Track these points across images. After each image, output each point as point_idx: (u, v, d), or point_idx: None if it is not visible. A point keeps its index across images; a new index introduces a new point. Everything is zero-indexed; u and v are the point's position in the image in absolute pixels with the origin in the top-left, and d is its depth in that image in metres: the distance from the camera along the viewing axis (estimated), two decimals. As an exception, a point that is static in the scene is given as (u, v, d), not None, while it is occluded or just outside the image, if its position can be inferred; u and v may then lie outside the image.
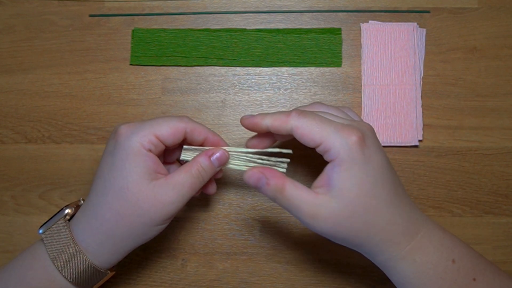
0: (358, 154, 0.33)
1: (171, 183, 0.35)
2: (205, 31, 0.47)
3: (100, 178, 0.36)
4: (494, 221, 0.45)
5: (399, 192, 0.35)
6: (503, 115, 0.46)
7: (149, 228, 0.36)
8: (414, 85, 0.46)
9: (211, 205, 0.46)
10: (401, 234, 0.34)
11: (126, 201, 0.35)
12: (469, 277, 0.35)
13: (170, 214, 0.36)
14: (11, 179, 0.46)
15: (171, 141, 0.36)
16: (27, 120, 0.47)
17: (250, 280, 0.45)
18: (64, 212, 0.37)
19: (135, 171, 0.35)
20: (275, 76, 0.47)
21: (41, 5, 0.48)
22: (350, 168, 0.33)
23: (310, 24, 0.48)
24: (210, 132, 0.38)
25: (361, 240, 0.35)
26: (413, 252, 0.35)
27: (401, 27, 0.47)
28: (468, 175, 0.46)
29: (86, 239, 0.36)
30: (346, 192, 0.33)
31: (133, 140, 0.35)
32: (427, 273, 0.35)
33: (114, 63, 0.47)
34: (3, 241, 0.46)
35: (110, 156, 0.36)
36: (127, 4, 0.48)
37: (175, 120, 0.37)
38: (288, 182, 0.34)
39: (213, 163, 0.37)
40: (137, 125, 0.36)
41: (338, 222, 0.34)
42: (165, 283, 0.45)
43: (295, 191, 0.34)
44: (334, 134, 0.33)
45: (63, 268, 0.35)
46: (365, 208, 0.33)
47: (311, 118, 0.34)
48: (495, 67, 0.47)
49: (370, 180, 0.33)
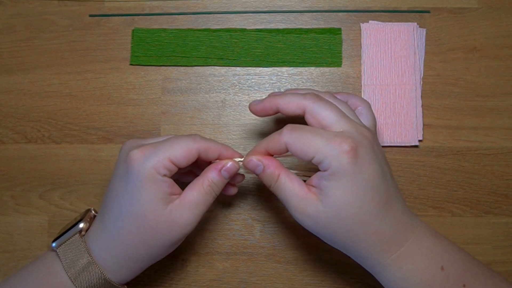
0: (348, 165, 0.33)
1: (185, 204, 0.35)
2: (205, 31, 0.47)
3: (115, 203, 0.36)
4: (494, 221, 0.45)
5: (392, 201, 0.35)
6: (503, 115, 0.46)
7: (167, 248, 0.37)
8: (414, 85, 0.46)
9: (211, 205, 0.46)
10: (387, 243, 0.34)
11: (144, 227, 0.35)
12: (459, 283, 0.35)
13: (187, 233, 0.36)
14: (11, 179, 0.46)
15: (184, 163, 0.36)
16: (27, 120, 0.47)
17: (250, 280, 0.45)
18: (78, 228, 0.37)
19: (152, 198, 0.34)
20: (275, 76, 0.47)
21: (41, 5, 0.48)
22: (340, 179, 0.33)
23: (310, 24, 0.48)
24: (223, 148, 0.37)
25: (346, 244, 0.35)
26: (399, 261, 0.35)
27: (401, 27, 0.47)
28: (468, 175, 0.46)
29: (105, 259, 0.36)
30: (333, 199, 0.33)
31: (147, 167, 0.34)
32: (414, 281, 0.35)
33: (114, 63, 0.47)
34: (3, 241, 0.46)
35: (124, 182, 0.35)
36: (127, 4, 0.48)
37: (188, 140, 0.36)
38: (283, 173, 0.35)
39: (223, 176, 0.37)
40: (150, 150, 0.35)
41: (322, 223, 0.34)
42: (165, 283, 0.45)
43: (288, 182, 0.35)
44: (325, 146, 0.33)
45: (78, 282, 0.35)
46: (350, 217, 0.33)
47: (302, 133, 0.34)
48: (495, 67, 0.47)
49: (358, 192, 0.33)
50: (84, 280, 0.35)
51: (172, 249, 0.37)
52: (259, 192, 0.46)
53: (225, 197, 0.46)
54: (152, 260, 0.37)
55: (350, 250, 0.36)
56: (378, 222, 0.34)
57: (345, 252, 0.37)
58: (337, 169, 0.33)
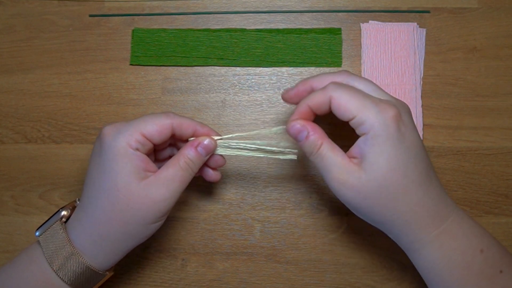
0: (393, 130, 0.32)
1: (160, 179, 0.35)
2: (205, 31, 0.47)
3: (90, 180, 0.36)
4: (494, 221, 0.45)
5: (431, 175, 0.35)
6: (503, 115, 0.46)
7: (143, 227, 0.35)
8: (414, 85, 0.46)
9: (211, 205, 0.46)
10: (430, 217, 0.34)
11: (117, 202, 0.34)
12: (496, 269, 0.34)
13: (163, 211, 0.35)
14: (11, 179, 0.46)
15: (158, 138, 0.36)
16: (27, 120, 0.47)
17: (250, 280, 0.45)
18: (60, 214, 0.37)
19: (124, 172, 0.34)
20: (275, 76, 0.47)
21: (41, 5, 0.48)
22: (383, 143, 0.32)
23: (310, 24, 0.48)
24: (198, 124, 0.37)
25: (386, 217, 0.34)
26: (441, 237, 0.34)
27: (401, 27, 0.47)
28: (468, 175, 0.46)
29: (82, 241, 0.35)
30: (376, 166, 0.32)
31: (119, 140, 0.34)
32: (454, 260, 0.34)
33: (114, 63, 0.47)
34: (3, 241, 0.46)
35: (98, 157, 0.35)
36: (127, 4, 0.48)
37: (161, 116, 0.36)
38: (326, 141, 0.34)
39: (200, 152, 0.36)
40: (122, 125, 0.35)
41: (364, 193, 0.33)
42: (165, 283, 0.45)
43: (330, 151, 0.34)
44: (371, 108, 0.33)
45: (60, 270, 0.35)
46: (394, 185, 0.33)
47: (348, 89, 0.34)
48: (495, 67, 0.47)
49: (402, 158, 0.33)
50: (65, 267, 0.35)
51: (150, 229, 0.36)
52: (259, 192, 0.46)
53: (225, 197, 0.46)
54: (131, 240, 0.36)
55: (390, 225, 0.34)
56: (422, 194, 0.33)
57: (383, 228, 0.35)
58: (381, 132, 0.32)
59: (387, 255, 0.44)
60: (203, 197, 0.46)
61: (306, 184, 0.46)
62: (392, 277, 0.44)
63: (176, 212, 0.46)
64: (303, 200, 0.45)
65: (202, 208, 0.46)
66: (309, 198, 0.45)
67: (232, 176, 0.46)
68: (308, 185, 0.46)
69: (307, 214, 0.45)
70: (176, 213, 0.46)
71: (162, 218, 0.36)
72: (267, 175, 0.46)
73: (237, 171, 0.46)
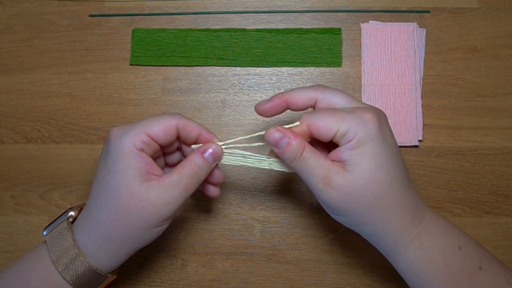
0: (375, 130, 0.33)
1: (163, 184, 0.35)
2: (205, 31, 0.47)
3: (95, 181, 0.36)
4: (494, 221, 0.45)
5: (408, 176, 0.35)
6: (503, 115, 0.46)
7: (145, 230, 0.35)
8: (414, 85, 0.46)
9: (211, 205, 0.46)
10: (410, 215, 0.34)
11: (118, 203, 0.34)
12: (475, 265, 0.35)
13: (165, 216, 0.35)
14: (11, 179, 0.46)
15: (163, 139, 0.36)
16: (27, 120, 0.47)
17: (250, 280, 0.45)
18: (67, 215, 0.37)
19: (127, 172, 0.34)
20: (275, 76, 0.47)
21: (41, 5, 0.48)
22: (367, 144, 0.33)
23: (310, 24, 0.48)
24: (203, 129, 0.37)
25: (370, 217, 0.34)
26: (421, 236, 0.34)
27: (401, 27, 0.47)
28: (468, 175, 0.46)
29: (86, 242, 0.36)
30: (361, 166, 0.33)
31: (124, 140, 0.34)
32: (435, 259, 0.34)
33: (114, 63, 0.47)
34: (3, 241, 0.46)
35: (104, 159, 0.35)
36: (127, 4, 0.48)
37: (167, 117, 0.36)
38: (307, 145, 0.34)
39: (207, 159, 0.36)
40: (128, 125, 0.36)
41: (349, 192, 0.33)
42: (165, 283, 0.45)
43: (313, 154, 0.34)
44: (350, 117, 0.33)
45: (63, 270, 0.35)
46: (378, 182, 0.33)
47: (320, 112, 0.35)
48: (495, 67, 0.47)
49: (385, 156, 0.33)
50: (68, 267, 0.35)
51: (153, 233, 0.36)
52: (259, 192, 0.46)
53: (225, 197, 0.46)
54: (133, 244, 0.36)
55: (374, 224, 0.34)
56: (403, 191, 0.34)
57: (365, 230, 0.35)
58: (364, 135, 0.33)
59: (387, 255, 0.45)
60: (203, 197, 0.46)
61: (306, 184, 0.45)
62: (392, 277, 0.44)
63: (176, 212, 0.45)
64: (303, 200, 0.45)
65: (202, 208, 0.46)
66: (309, 198, 0.46)
67: (232, 176, 0.46)
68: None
69: (307, 214, 0.45)
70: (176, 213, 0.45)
71: (165, 223, 0.36)
72: (267, 175, 0.46)
73: (237, 171, 0.46)
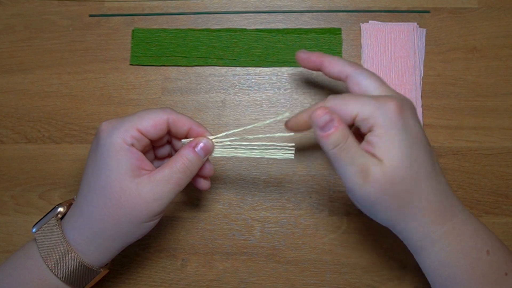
0: (396, 119, 0.33)
1: (155, 179, 0.34)
2: (205, 31, 0.47)
3: (85, 177, 0.36)
4: (494, 221, 0.45)
5: (437, 169, 0.35)
6: (503, 115, 0.46)
7: (136, 225, 0.35)
8: (414, 85, 0.46)
9: (211, 205, 0.46)
10: (438, 211, 0.34)
11: (109, 199, 0.34)
12: (501, 271, 0.34)
13: (156, 211, 0.35)
14: (11, 179, 0.46)
15: (154, 134, 0.35)
16: (27, 120, 0.47)
17: (250, 280, 0.45)
18: (56, 211, 0.37)
19: (117, 168, 0.34)
20: (275, 76, 0.47)
21: (41, 5, 0.48)
22: (389, 132, 0.33)
23: (310, 24, 0.48)
24: (194, 123, 0.37)
25: (401, 212, 0.34)
26: (449, 236, 0.34)
27: (401, 27, 0.47)
28: (468, 175, 0.46)
29: (76, 238, 0.35)
30: (391, 155, 0.32)
31: (114, 135, 0.34)
32: (459, 261, 0.34)
33: (114, 63, 0.47)
34: (3, 241, 0.46)
35: (94, 154, 0.35)
36: (127, 4, 0.48)
37: (157, 111, 0.36)
38: (351, 133, 0.34)
39: (198, 153, 0.36)
40: (118, 120, 0.35)
41: (384, 188, 0.33)
42: (165, 283, 0.45)
43: (356, 143, 0.33)
44: (370, 102, 0.33)
45: (54, 266, 0.35)
46: (408, 173, 0.33)
47: (344, 95, 0.35)
48: (495, 67, 0.47)
49: (411, 146, 0.33)
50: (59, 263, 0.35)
51: (144, 228, 0.35)
52: (259, 192, 0.46)
53: (225, 197, 0.46)
54: (124, 239, 0.36)
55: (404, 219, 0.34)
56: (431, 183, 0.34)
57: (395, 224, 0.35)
58: (384, 121, 0.32)
59: (387, 255, 0.44)
60: (203, 197, 0.46)
61: (306, 184, 0.46)
62: (392, 277, 0.44)
63: (176, 212, 0.46)
64: (303, 200, 0.45)
65: (202, 208, 0.46)
66: (309, 198, 0.46)
67: (232, 176, 0.46)
68: (308, 185, 0.46)
69: (307, 214, 0.45)
70: (176, 213, 0.46)
71: (156, 218, 0.36)
72: (267, 175, 0.46)
73: (237, 171, 0.46)
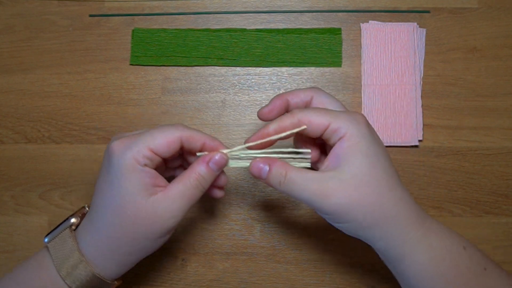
0: (365, 130, 0.34)
1: (169, 197, 0.34)
2: (205, 31, 0.47)
3: (99, 194, 0.36)
4: (494, 221, 0.45)
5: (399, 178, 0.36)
6: (503, 115, 0.46)
7: (152, 241, 0.35)
8: (414, 85, 0.46)
9: (211, 205, 0.46)
10: (415, 211, 0.34)
11: (126, 219, 0.34)
12: (481, 266, 0.35)
13: (172, 227, 0.35)
14: (11, 179, 0.46)
15: (166, 153, 0.35)
16: (27, 120, 0.47)
17: (250, 280, 0.45)
18: (69, 222, 0.37)
19: (132, 189, 0.34)
20: (275, 76, 0.47)
21: (41, 5, 0.48)
22: (359, 142, 0.33)
23: (310, 24, 0.48)
24: (207, 138, 0.36)
25: (375, 218, 0.33)
26: (427, 236, 0.34)
27: (401, 27, 0.47)
28: (468, 175, 0.46)
29: (91, 252, 0.36)
30: (355, 163, 0.33)
31: (126, 157, 0.34)
32: (444, 260, 0.34)
33: (114, 63, 0.47)
34: (3, 241, 0.46)
35: (106, 173, 0.35)
36: (127, 4, 0.48)
37: (169, 129, 0.35)
38: (290, 167, 0.34)
39: (212, 168, 0.36)
40: (130, 140, 0.35)
41: (348, 193, 0.33)
42: (165, 283, 0.45)
43: (298, 172, 0.34)
44: (342, 114, 0.34)
45: (67, 277, 0.35)
46: (376, 179, 0.33)
47: (313, 108, 0.36)
48: (495, 67, 0.47)
49: (377, 154, 0.34)
50: (73, 275, 0.35)
51: (160, 242, 0.36)
52: (259, 192, 0.46)
53: (226, 197, 0.46)
54: (140, 253, 0.36)
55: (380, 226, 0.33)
56: (401, 189, 0.34)
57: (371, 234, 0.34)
58: (356, 132, 0.33)
59: (387, 255, 0.45)
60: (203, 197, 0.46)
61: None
62: (392, 277, 0.44)
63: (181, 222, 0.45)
64: (303, 200, 0.45)
65: (202, 208, 0.46)
66: (309, 198, 0.45)
67: (231, 176, 0.46)
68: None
69: (307, 214, 0.45)
70: (176, 213, 0.46)
71: (171, 232, 0.36)
72: (267, 175, 0.46)
73: (237, 171, 0.46)
